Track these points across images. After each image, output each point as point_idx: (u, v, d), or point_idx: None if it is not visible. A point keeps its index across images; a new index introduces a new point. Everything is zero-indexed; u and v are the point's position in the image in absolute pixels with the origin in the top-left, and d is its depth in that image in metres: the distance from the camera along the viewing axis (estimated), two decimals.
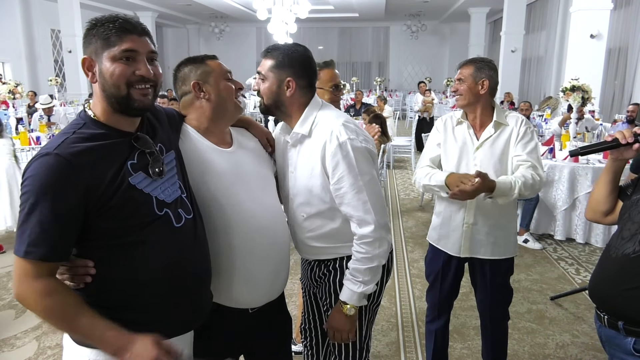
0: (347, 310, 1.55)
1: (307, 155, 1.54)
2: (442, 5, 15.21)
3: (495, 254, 2.13)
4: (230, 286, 1.48)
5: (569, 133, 5.28)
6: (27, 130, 6.06)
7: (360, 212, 1.49)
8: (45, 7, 13.06)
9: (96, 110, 1.22)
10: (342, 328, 1.58)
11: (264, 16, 10.11)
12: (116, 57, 1.16)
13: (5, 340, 2.96)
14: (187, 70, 1.48)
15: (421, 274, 3.85)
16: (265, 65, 1.53)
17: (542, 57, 13.03)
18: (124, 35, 1.17)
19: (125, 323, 1.20)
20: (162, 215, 1.23)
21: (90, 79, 1.20)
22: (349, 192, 1.48)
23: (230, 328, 1.52)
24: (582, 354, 2.80)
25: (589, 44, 7.19)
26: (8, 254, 4.42)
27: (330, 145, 1.47)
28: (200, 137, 1.48)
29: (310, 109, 1.56)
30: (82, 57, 1.20)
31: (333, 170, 1.48)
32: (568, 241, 4.64)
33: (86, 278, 1.18)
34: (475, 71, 2.07)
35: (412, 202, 6.07)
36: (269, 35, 12.29)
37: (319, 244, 1.63)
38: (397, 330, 3.04)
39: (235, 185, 1.48)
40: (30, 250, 1.09)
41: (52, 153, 1.10)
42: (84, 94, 10.76)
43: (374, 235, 1.50)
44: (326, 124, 1.52)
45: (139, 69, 1.18)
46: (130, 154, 1.21)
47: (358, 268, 1.52)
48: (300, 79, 1.52)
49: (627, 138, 1.45)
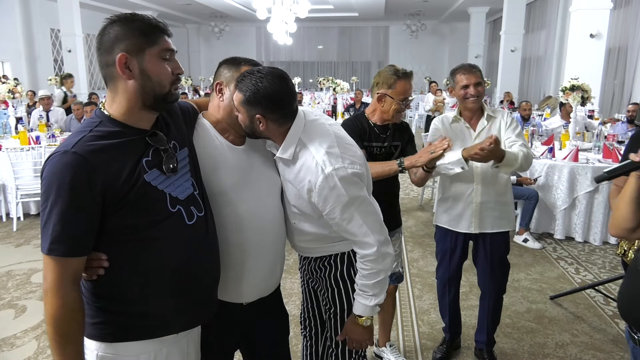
0: (363, 322, 1.59)
1: (293, 177, 1.51)
2: (442, 4, 15.20)
3: (500, 227, 2.48)
4: (226, 280, 1.49)
5: (569, 133, 5.28)
6: (27, 130, 6.05)
7: (359, 237, 1.49)
8: (44, 6, 13.04)
9: (115, 108, 1.23)
10: (360, 339, 1.63)
11: (264, 16, 10.10)
12: (159, 55, 1.21)
13: (4, 339, 2.95)
14: (222, 68, 1.52)
15: (421, 273, 3.86)
16: (237, 98, 1.43)
17: (541, 56, 13.02)
18: (162, 34, 1.22)
19: (135, 316, 1.25)
20: (174, 212, 1.26)
21: (127, 77, 1.20)
22: (343, 222, 1.47)
23: (223, 321, 1.54)
24: (582, 353, 2.80)
25: (589, 43, 7.18)
26: (8, 254, 4.42)
27: (317, 181, 1.43)
28: (216, 133, 1.51)
29: (292, 135, 1.48)
30: (117, 55, 1.17)
31: (323, 204, 1.46)
32: (567, 240, 4.64)
33: (99, 271, 1.21)
34: (481, 75, 2.39)
35: (412, 202, 6.07)
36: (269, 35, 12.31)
37: (313, 245, 1.66)
38: (397, 329, 3.04)
39: (242, 183, 1.50)
40: (53, 247, 1.13)
41: (70, 151, 1.13)
42: (83, 94, 10.74)
43: (376, 254, 1.50)
44: (310, 153, 1.46)
45: (177, 68, 1.25)
46: (145, 151, 1.24)
47: (366, 284, 1.54)
48: (271, 114, 1.43)
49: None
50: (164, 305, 1.28)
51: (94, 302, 1.24)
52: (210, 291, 1.41)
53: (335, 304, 1.69)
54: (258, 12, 10.03)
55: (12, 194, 5.07)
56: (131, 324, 1.25)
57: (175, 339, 1.33)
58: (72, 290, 1.16)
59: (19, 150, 5.13)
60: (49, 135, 6.01)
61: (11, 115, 6.33)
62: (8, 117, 6.37)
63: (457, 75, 2.36)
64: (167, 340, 1.31)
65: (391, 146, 2.34)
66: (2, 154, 5.10)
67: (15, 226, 5.05)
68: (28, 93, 9.47)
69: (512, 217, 2.53)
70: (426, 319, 3.17)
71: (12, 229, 5.03)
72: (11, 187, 5.08)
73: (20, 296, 3.54)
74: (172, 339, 1.32)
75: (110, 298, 1.24)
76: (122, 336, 1.25)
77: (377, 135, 2.30)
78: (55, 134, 6.14)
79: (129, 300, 1.25)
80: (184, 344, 1.37)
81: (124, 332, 1.25)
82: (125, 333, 1.25)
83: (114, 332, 1.25)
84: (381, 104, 2.22)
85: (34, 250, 4.48)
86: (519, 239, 4.56)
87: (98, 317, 1.24)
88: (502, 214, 2.47)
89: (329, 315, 1.72)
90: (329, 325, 1.74)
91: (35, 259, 4.26)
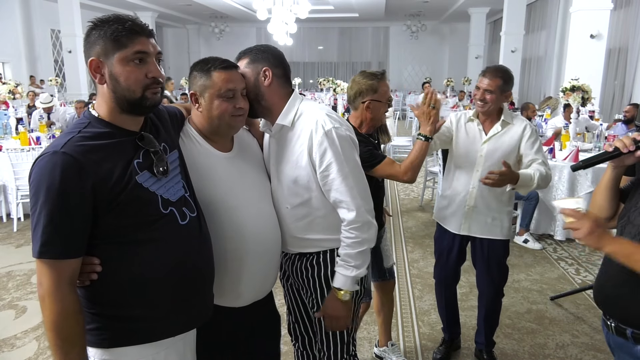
0: (342, 296, 1.58)
1: (291, 147, 1.56)
2: (442, 5, 15.21)
3: (491, 234, 2.44)
4: (222, 285, 1.50)
5: (569, 133, 5.28)
6: (27, 130, 6.05)
7: (348, 197, 1.52)
8: (45, 7, 13.05)
9: (100, 110, 1.23)
10: (338, 314, 1.62)
11: (264, 16, 10.11)
12: (128, 58, 1.17)
13: (5, 340, 2.95)
14: (194, 74, 1.48)
15: (421, 274, 3.86)
16: (241, 65, 1.55)
17: (542, 57, 13.02)
18: (134, 36, 1.17)
19: (132, 320, 1.23)
20: (167, 213, 1.25)
21: (99, 81, 1.19)
22: (337, 178, 1.51)
23: (219, 323, 1.54)
24: (582, 354, 2.80)
25: (589, 44, 7.18)
26: (8, 254, 4.42)
27: (317, 135, 1.50)
28: (201, 140, 1.51)
29: (293, 101, 1.58)
30: (89, 59, 1.18)
31: (321, 158, 1.50)
32: (568, 241, 4.64)
33: (92, 275, 1.19)
34: (503, 84, 2.28)
35: (412, 202, 6.07)
36: (269, 36, 12.30)
37: (304, 235, 1.64)
38: (397, 330, 3.04)
39: (232, 191, 1.51)
40: (44, 250, 1.10)
41: (59, 151, 1.11)
42: (84, 94, 10.75)
43: (362, 219, 1.53)
44: (310, 115, 1.54)
45: (150, 71, 1.20)
46: (136, 153, 1.23)
47: (349, 253, 1.55)
48: (276, 68, 1.54)
49: (628, 146, 1.42)
50: (160, 307, 1.27)
51: (88, 308, 1.22)
52: (205, 292, 1.40)
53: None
54: (258, 12, 10.04)
55: (13, 194, 5.08)
56: (128, 328, 1.24)
57: (172, 343, 1.32)
58: (70, 293, 1.14)
59: (19, 151, 5.13)
60: (50, 136, 6.01)
61: (12, 116, 6.33)
62: (8, 118, 6.37)
63: (480, 74, 2.37)
64: (164, 344, 1.30)
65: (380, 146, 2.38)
66: (2, 155, 5.10)
67: (15, 227, 5.05)
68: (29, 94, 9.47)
69: (506, 225, 2.44)
70: (426, 320, 3.17)
71: (12, 229, 5.03)
72: (12, 188, 5.08)
73: (20, 297, 3.54)
74: (169, 342, 1.31)
75: (106, 303, 1.22)
76: (119, 341, 1.24)
77: (374, 144, 2.28)
78: (56, 135, 6.14)
79: (124, 304, 1.23)
80: (180, 348, 1.36)
81: (121, 337, 1.24)
82: (122, 338, 1.24)
83: (111, 337, 1.23)
84: (369, 111, 2.16)
85: None
86: (519, 240, 4.56)
87: (93, 323, 1.22)
88: (495, 222, 2.42)
89: (317, 320, 1.71)
90: (318, 328, 1.73)
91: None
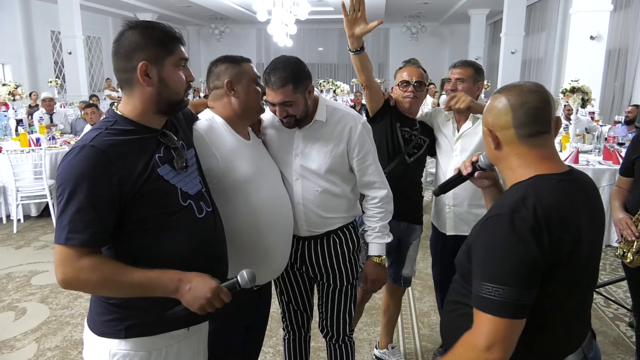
0: (382, 261, 1.88)
1: (326, 138, 1.76)
2: (442, 6, 15.22)
3: None
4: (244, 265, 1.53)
5: (569, 134, 5.28)
6: (27, 132, 6.05)
7: (381, 178, 1.85)
8: (45, 8, 13.04)
9: (126, 110, 1.29)
10: (382, 276, 1.92)
11: (264, 18, 10.11)
12: (176, 64, 1.28)
13: (4, 342, 2.95)
14: (224, 67, 1.62)
15: (421, 275, 3.85)
16: (286, 93, 1.63)
17: (542, 58, 13.03)
18: (178, 44, 1.29)
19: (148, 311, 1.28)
20: (186, 205, 1.32)
21: (147, 84, 1.25)
22: (373, 163, 1.81)
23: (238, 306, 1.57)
24: None
25: (589, 45, 7.18)
26: (8, 256, 4.42)
27: (357, 127, 1.76)
28: (229, 128, 1.64)
29: (322, 100, 1.79)
30: (138, 63, 1.22)
31: (359, 148, 1.77)
32: None
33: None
34: (474, 73, 2.26)
35: None
36: (269, 37, 12.33)
37: (329, 214, 1.81)
38: (397, 332, 3.04)
39: (259, 173, 1.65)
40: (71, 236, 1.14)
41: (88, 145, 1.18)
42: (83, 96, 10.74)
43: (390, 195, 1.87)
44: (339, 110, 1.79)
45: (190, 76, 1.33)
46: (157, 148, 1.30)
47: (384, 224, 1.87)
48: (311, 82, 1.72)
49: (466, 168, 1.38)
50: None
51: (106, 298, 1.27)
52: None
53: (349, 275, 1.88)
54: (258, 14, 10.04)
55: (13, 196, 5.08)
56: (144, 319, 1.28)
57: (185, 336, 1.37)
58: (90, 259, 1.17)
59: (19, 152, 5.14)
60: (49, 137, 6.01)
61: (11, 118, 6.33)
62: (8, 119, 6.37)
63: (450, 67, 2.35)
64: (178, 336, 1.34)
65: (419, 138, 2.36)
66: (2, 156, 5.10)
67: (15, 228, 5.05)
68: (32, 95, 9.49)
69: None
70: (426, 321, 3.17)
71: (12, 231, 5.04)
72: (11, 189, 5.09)
73: (20, 298, 3.54)
74: (182, 334, 1.36)
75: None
76: (134, 332, 1.28)
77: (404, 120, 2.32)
78: (56, 136, 6.14)
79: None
80: (194, 342, 1.41)
81: (137, 327, 1.28)
82: (138, 328, 1.28)
83: (127, 328, 1.27)
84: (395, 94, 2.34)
85: (34, 253, 4.48)
86: None
87: (110, 314, 1.27)
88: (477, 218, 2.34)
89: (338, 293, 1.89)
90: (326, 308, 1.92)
91: (36, 261, 4.26)
